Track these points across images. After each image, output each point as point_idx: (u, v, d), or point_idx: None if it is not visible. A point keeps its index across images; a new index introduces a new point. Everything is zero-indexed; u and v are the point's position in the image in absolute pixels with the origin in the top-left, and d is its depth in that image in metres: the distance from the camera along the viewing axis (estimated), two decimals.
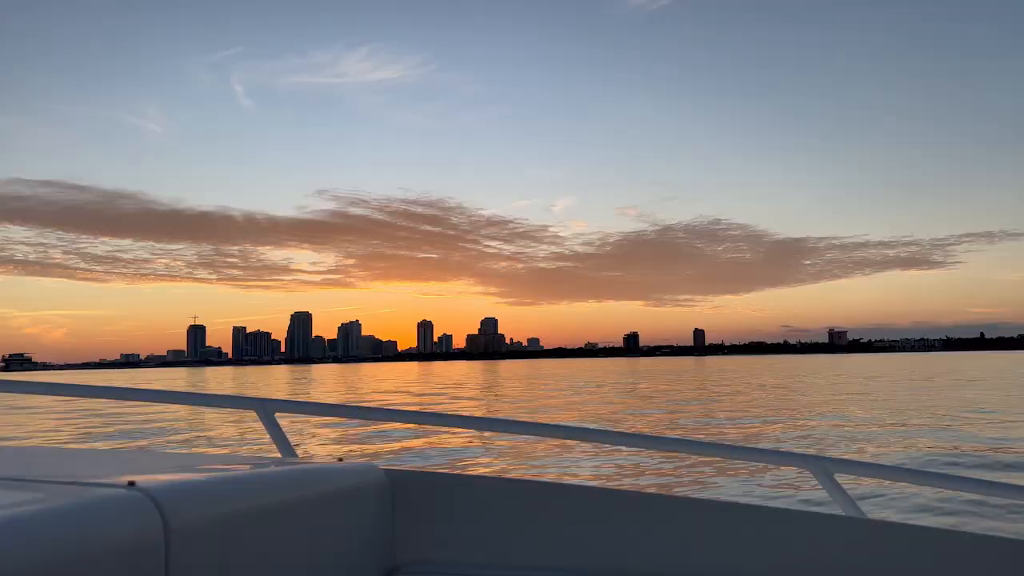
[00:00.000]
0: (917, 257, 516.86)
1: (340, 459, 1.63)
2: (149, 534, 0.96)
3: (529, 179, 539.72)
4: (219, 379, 79.57)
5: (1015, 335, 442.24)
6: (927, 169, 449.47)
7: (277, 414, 1.94)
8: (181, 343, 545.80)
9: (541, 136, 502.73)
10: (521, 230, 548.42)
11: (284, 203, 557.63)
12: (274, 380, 68.14)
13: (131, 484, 1.01)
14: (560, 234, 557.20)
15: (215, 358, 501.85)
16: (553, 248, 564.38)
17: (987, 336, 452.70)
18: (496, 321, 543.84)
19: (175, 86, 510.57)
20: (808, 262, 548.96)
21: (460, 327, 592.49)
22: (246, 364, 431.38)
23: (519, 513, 1.67)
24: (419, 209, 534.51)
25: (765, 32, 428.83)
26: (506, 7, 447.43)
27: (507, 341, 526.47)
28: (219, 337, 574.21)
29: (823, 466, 1.78)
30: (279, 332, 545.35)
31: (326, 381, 59.72)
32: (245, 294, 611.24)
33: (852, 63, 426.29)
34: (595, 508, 1.66)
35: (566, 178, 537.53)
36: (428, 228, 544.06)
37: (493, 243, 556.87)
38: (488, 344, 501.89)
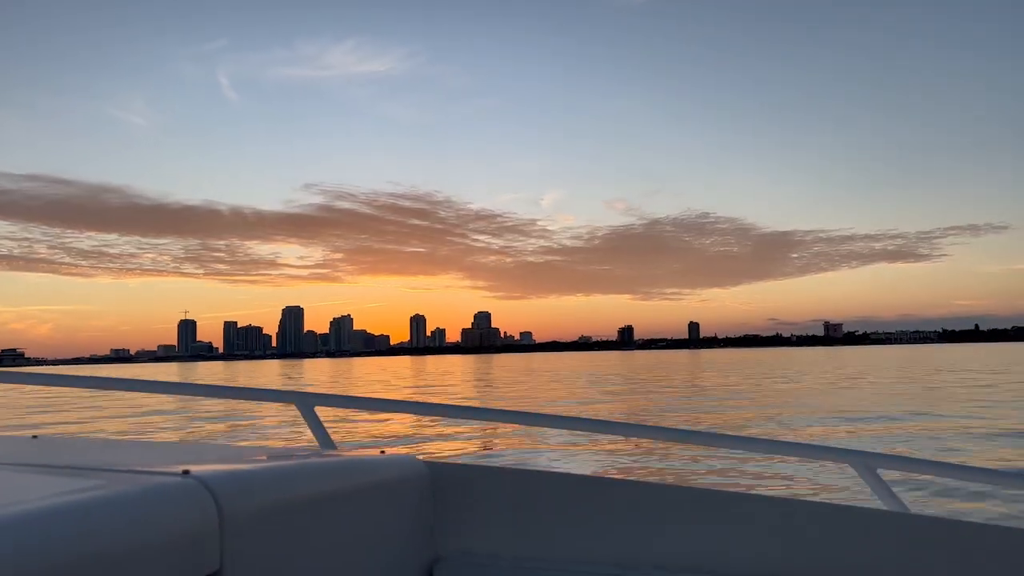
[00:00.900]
0: (903, 250, 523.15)
1: (382, 451, 1.65)
2: (205, 521, 0.98)
3: (517, 173, 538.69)
4: (213, 374, 77.25)
5: (1008, 327, 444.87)
6: (913, 163, 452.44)
7: (316, 408, 1.98)
8: (171, 338, 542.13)
9: (529, 130, 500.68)
10: (509, 224, 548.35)
11: (271, 197, 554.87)
12: (262, 376, 64.67)
13: (186, 473, 1.03)
14: (548, 228, 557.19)
15: (206, 353, 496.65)
16: (541, 242, 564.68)
17: (981, 328, 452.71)
18: (489, 315, 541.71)
19: (160, 79, 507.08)
20: (795, 255, 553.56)
21: (452, 321, 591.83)
22: (237, 359, 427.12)
23: (557, 506, 1.68)
24: (407, 203, 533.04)
25: (752, 27, 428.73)
26: (492, 3, 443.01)
27: (501, 335, 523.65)
28: (210, 332, 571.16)
29: (865, 461, 1.77)
30: (270, 327, 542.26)
31: (318, 377, 56.31)
32: (233, 288, 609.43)
33: (839, 58, 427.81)
34: (634, 502, 1.66)
35: (554, 172, 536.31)
36: (416, 222, 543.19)
37: (481, 237, 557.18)
38: (483, 338, 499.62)
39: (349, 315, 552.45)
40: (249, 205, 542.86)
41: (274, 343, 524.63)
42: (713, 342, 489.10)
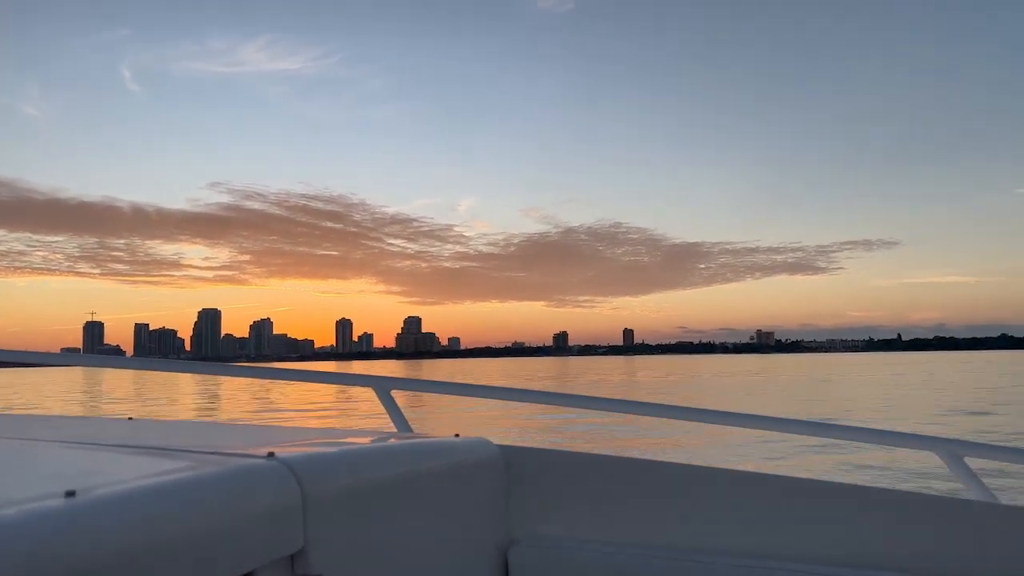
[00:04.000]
0: (803, 263, 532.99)
1: (456, 435, 1.66)
2: (289, 502, 1.01)
3: (434, 178, 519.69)
4: (120, 379, 65.46)
5: (893, 336, 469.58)
6: (815, 179, 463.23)
7: (392, 391, 2.03)
8: (76, 341, 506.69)
9: (446, 135, 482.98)
10: (425, 229, 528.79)
11: (175, 195, 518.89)
12: (177, 382, 50.00)
13: (271, 455, 1.06)
14: (465, 234, 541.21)
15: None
16: (458, 248, 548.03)
17: (903, 338, 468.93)
18: (420, 320, 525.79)
19: (57, 68, 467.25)
20: (702, 266, 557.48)
21: (378, 326, 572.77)
22: None
23: (630, 490, 1.67)
24: (320, 205, 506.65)
25: (666, 43, 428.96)
26: (411, 5, 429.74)
27: (440, 341, 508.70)
28: (119, 334, 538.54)
29: (952, 449, 1.71)
30: (185, 330, 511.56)
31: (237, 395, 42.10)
32: (133, 289, 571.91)
33: (749, 76, 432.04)
34: (710, 488, 1.64)
35: (471, 178, 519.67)
36: (329, 224, 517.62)
37: (396, 241, 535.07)
38: (418, 343, 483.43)
39: (269, 319, 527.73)
40: (151, 203, 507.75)
41: (188, 347, 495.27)
42: (648, 349, 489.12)
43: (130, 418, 1.79)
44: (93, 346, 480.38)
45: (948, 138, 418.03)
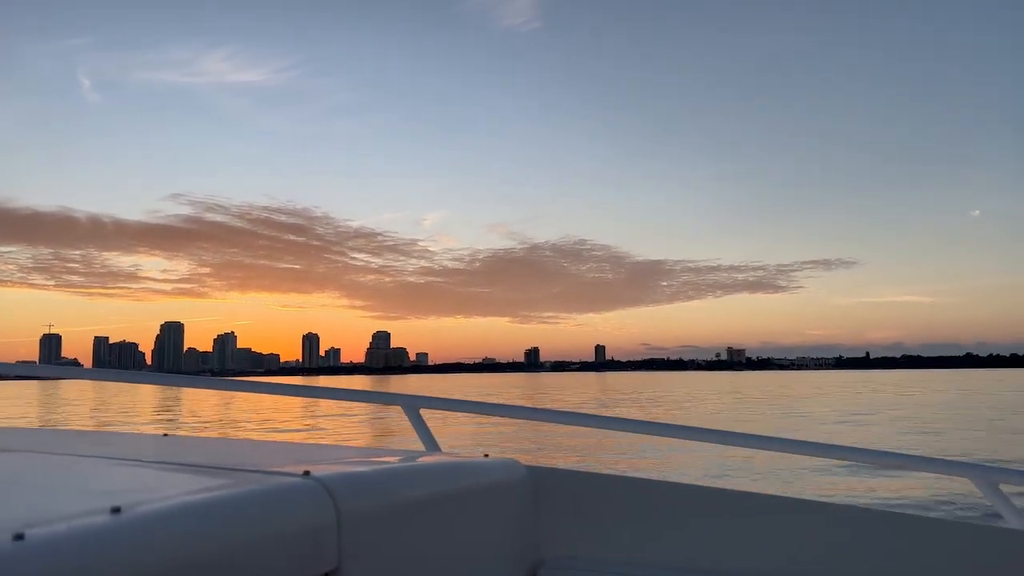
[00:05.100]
0: (764, 281, 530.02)
1: (485, 455, 1.67)
2: (324, 520, 1.02)
3: (399, 192, 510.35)
4: (80, 393, 63.30)
5: (898, 355, 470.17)
6: (775, 199, 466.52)
7: (422, 410, 2.04)
8: (32, 354, 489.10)
9: (412, 150, 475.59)
10: (390, 243, 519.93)
11: (134, 206, 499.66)
12: (136, 394, 44.69)
13: (307, 473, 1.07)
14: (430, 248, 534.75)
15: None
16: (423, 263, 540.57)
17: (872, 356, 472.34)
18: (389, 335, 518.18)
19: (12, 74, 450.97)
20: (665, 283, 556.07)
21: (344, 340, 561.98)
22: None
23: (659, 512, 1.67)
24: (283, 218, 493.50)
25: (630, 62, 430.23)
26: (377, 19, 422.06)
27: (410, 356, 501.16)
28: (77, 348, 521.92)
29: (987, 475, 1.69)
30: (147, 343, 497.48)
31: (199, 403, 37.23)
32: (88, 302, 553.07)
33: (707, 98, 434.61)
34: (740, 510, 1.63)
35: (437, 193, 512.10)
36: (292, 238, 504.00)
37: (360, 255, 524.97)
38: (389, 359, 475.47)
39: (233, 332, 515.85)
40: (109, 214, 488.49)
41: (149, 361, 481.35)
42: (620, 365, 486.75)
43: (165, 434, 1.82)
44: (51, 359, 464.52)
45: (905, 160, 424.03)
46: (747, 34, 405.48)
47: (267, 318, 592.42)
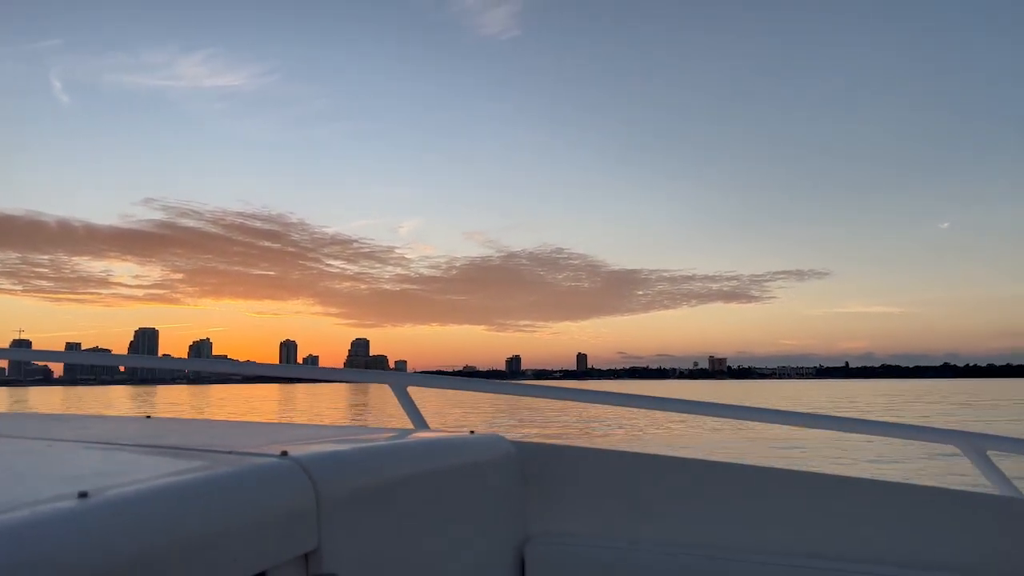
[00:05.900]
0: (737, 291, 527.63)
1: (471, 431, 1.66)
2: (302, 501, 1.00)
3: (376, 199, 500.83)
4: (46, 402, 61.54)
5: (876, 364, 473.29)
6: (749, 209, 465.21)
7: (409, 388, 2.05)
8: (1, 360, 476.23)
9: (389, 157, 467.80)
10: (366, 250, 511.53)
11: (105, 211, 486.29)
12: (106, 399, 41.64)
13: (284, 454, 1.06)
14: (407, 256, 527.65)
15: (41, 377, 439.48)
16: (399, 270, 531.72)
17: (852, 366, 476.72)
18: (368, 342, 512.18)
19: None
20: (640, 292, 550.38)
21: (321, 348, 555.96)
22: (81, 384, 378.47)
23: (647, 487, 1.66)
24: (258, 224, 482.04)
25: (610, 71, 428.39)
26: (356, 25, 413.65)
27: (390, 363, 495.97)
28: None
29: (974, 442, 1.69)
30: (120, 349, 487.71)
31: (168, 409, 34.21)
32: (56, 307, 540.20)
33: (682, 109, 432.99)
34: (730, 484, 1.62)
35: (414, 200, 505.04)
36: (266, 244, 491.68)
37: (336, 262, 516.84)
38: (370, 366, 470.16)
39: (208, 339, 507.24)
40: (79, 218, 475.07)
41: (122, 367, 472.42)
42: (600, 374, 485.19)
43: (148, 416, 1.79)
44: (20, 365, 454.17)
45: (876, 173, 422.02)
46: (723, 46, 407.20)
47: (242, 325, 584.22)
